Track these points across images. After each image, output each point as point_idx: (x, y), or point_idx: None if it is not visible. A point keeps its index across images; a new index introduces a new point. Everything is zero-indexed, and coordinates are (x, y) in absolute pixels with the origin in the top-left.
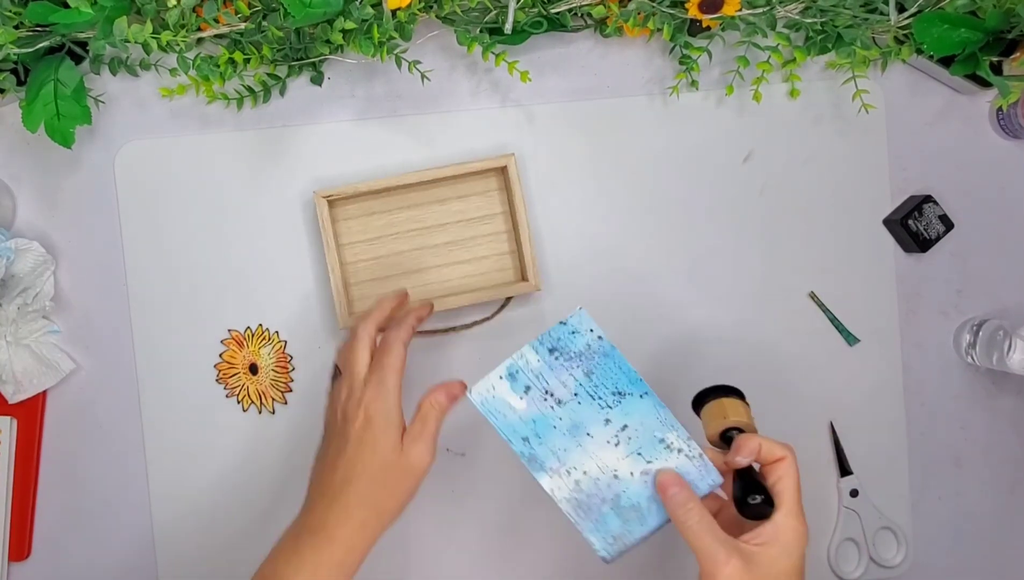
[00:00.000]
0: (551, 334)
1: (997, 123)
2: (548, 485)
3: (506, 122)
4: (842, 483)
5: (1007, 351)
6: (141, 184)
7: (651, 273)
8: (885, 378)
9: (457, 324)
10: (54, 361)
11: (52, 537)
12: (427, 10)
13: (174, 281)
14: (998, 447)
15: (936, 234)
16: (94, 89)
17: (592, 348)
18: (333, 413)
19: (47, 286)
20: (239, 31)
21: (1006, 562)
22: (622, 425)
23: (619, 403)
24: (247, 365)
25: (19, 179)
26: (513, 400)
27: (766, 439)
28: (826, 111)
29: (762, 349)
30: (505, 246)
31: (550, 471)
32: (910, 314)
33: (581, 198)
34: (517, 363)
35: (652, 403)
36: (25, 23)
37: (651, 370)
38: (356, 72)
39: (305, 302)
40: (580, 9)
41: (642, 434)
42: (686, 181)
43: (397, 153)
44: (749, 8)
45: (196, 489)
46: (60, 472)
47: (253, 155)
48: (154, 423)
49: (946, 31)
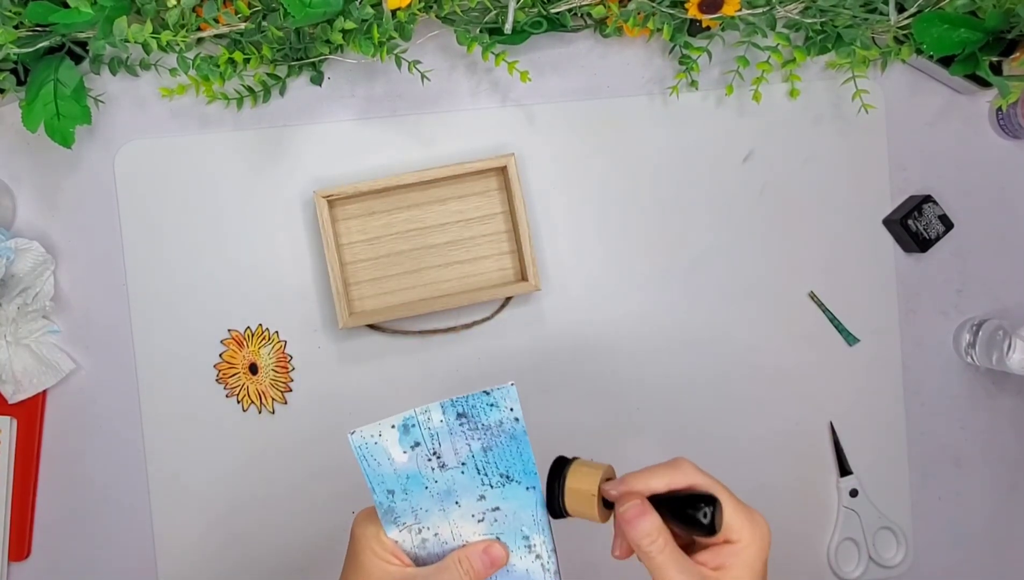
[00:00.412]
0: (468, 400)
1: (997, 123)
2: (394, 536)
3: (506, 122)
4: (842, 483)
5: (1007, 351)
6: (141, 184)
7: (651, 273)
8: (885, 378)
9: (457, 324)
10: (54, 361)
11: (52, 537)
12: (427, 10)
13: (174, 281)
14: (998, 447)
15: (936, 234)
16: (94, 89)
17: (503, 426)
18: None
19: (47, 286)
20: (239, 31)
21: (1006, 562)
22: (494, 506)
23: (503, 486)
24: (247, 365)
25: (19, 179)
26: (395, 452)
27: (639, 473)
28: (826, 111)
29: (762, 349)
30: (505, 246)
31: (401, 526)
32: (910, 314)
33: (581, 198)
34: (417, 418)
35: (534, 500)
36: (25, 23)
37: (651, 369)
38: (356, 72)
39: (305, 302)
40: (580, 9)
41: (510, 522)
42: (686, 181)
43: (397, 153)
44: (749, 8)
45: (196, 489)
46: (60, 472)
47: (253, 155)
48: (154, 423)
49: (946, 31)
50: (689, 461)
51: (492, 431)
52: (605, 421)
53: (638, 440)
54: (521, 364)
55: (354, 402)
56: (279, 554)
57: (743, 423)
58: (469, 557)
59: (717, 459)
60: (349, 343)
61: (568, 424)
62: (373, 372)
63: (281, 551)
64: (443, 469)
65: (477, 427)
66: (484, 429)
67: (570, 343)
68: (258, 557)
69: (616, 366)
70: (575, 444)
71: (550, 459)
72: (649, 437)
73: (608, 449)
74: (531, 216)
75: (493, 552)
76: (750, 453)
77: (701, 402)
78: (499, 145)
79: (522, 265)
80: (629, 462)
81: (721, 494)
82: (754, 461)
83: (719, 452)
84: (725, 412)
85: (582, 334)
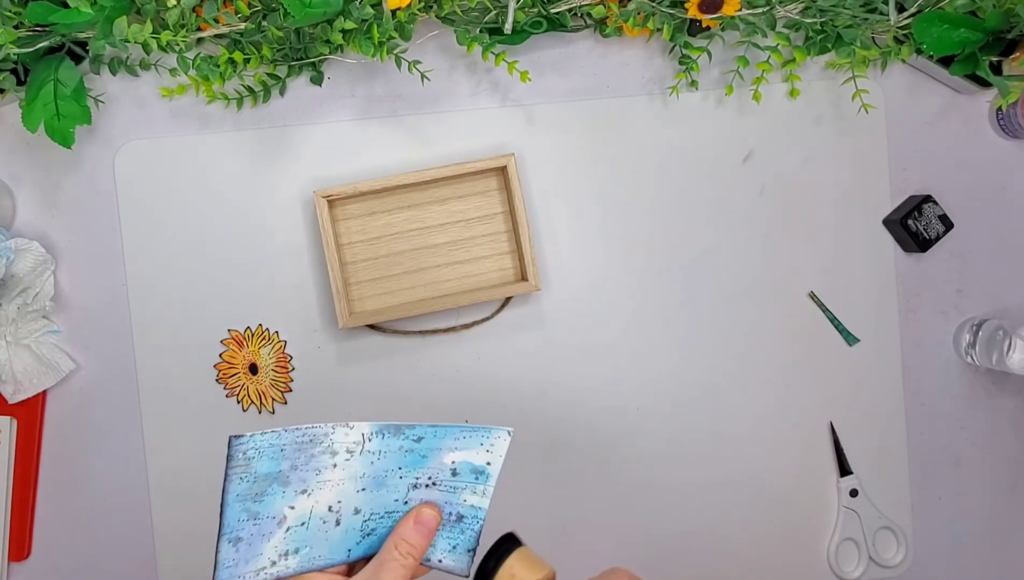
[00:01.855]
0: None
1: (997, 123)
2: None
3: (506, 122)
4: (842, 483)
5: (1007, 351)
6: (141, 184)
7: (651, 273)
8: (885, 378)
9: (457, 324)
10: (54, 361)
11: (52, 537)
12: (427, 10)
13: (174, 281)
14: (998, 447)
15: (936, 234)
16: (94, 89)
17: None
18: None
19: (47, 286)
20: (239, 31)
21: (1006, 562)
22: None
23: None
24: (247, 365)
25: (19, 179)
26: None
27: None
28: (826, 111)
29: (762, 349)
30: (505, 246)
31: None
32: (910, 314)
33: (581, 198)
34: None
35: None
36: (25, 23)
37: (651, 369)
38: (356, 72)
39: (305, 302)
40: (580, 9)
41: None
42: (686, 181)
43: (397, 153)
44: (749, 8)
45: (196, 489)
46: (60, 472)
47: (253, 155)
48: (154, 423)
49: (946, 31)
50: (626, 574)
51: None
52: (605, 421)
53: (638, 440)
54: (521, 364)
55: (354, 402)
56: None
57: (743, 423)
58: (404, 536)
59: (717, 458)
60: (349, 343)
61: (568, 424)
62: (373, 372)
63: None
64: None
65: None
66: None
67: (570, 343)
68: None
69: (616, 366)
70: (575, 443)
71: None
72: (649, 438)
73: (608, 449)
74: (531, 216)
75: (424, 517)
76: (750, 453)
77: (701, 402)
78: (499, 145)
79: (522, 265)
80: (629, 461)
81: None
82: (754, 461)
83: (719, 451)
84: (725, 412)
85: (582, 334)
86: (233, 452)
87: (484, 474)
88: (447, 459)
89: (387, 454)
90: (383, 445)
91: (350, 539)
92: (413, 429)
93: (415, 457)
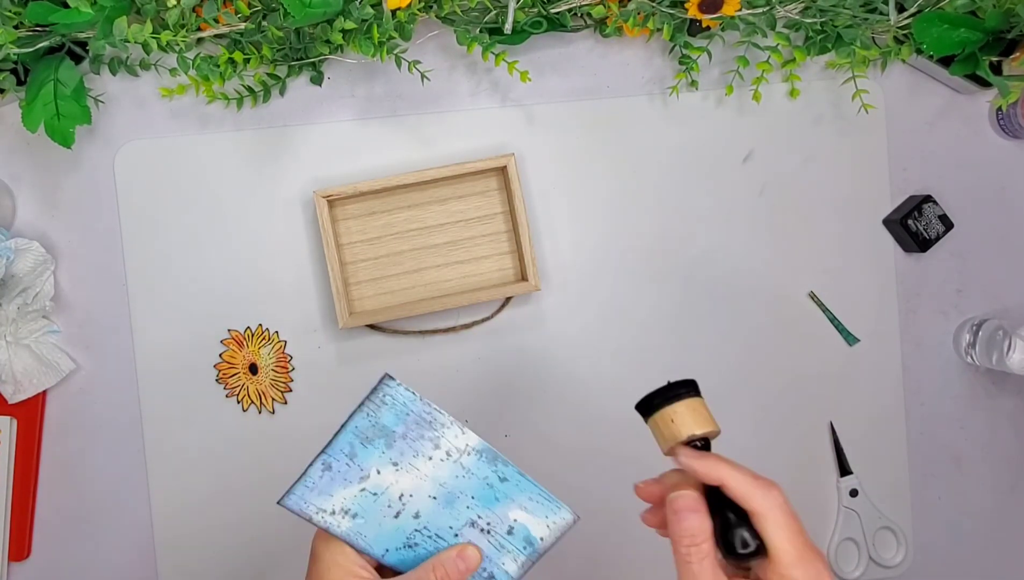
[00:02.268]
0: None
1: (997, 123)
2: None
3: (506, 122)
4: (842, 483)
5: (1007, 351)
6: (141, 184)
7: (651, 272)
8: (885, 378)
9: (457, 324)
10: (54, 361)
11: (52, 537)
12: (427, 10)
13: (174, 281)
14: (998, 447)
15: (936, 234)
16: (94, 89)
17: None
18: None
19: (47, 286)
20: (239, 31)
21: (1006, 562)
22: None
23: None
24: (247, 365)
25: (19, 179)
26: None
27: (739, 473)
28: (826, 111)
29: (762, 349)
30: (505, 246)
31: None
32: (910, 314)
33: (581, 198)
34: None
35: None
36: (25, 23)
37: (650, 368)
38: (356, 72)
39: (305, 302)
40: (580, 9)
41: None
42: (686, 181)
43: (397, 153)
44: (749, 8)
45: (196, 489)
46: (60, 472)
47: (253, 155)
48: (154, 423)
49: (946, 31)
50: (782, 494)
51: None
52: (605, 421)
53: (638, 440)
54: (521, 364)
55: (354, 402)
56: (279, 554)
57: (743, 423)
58: (444, 563)
59: None
60: (349, 343)
61: (568, 424)
62: (373, 372)
63: (281, 551)
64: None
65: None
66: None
67: (570, 343)
68: (259, 556)
69: (616, 366)
70: (574, 443)
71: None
72: (649, 438)
73: (608, 449)
74: (531, 216)
75: (467, 555)
76: (750, 453)
77: None
78: (499, 145)
79: (522, 265)
80: (628, 461)
81: (787, 542)
82: (754, 461)
83: (719, 451)
84: (725, 412)
85: (582, 334)
86: (378, 388)
87: (533, 547)
88: (512, 514)
89: (472, 476)
90: (475, 466)
91: (395, 540)
92: (506, 466)
93: (490, 495)
